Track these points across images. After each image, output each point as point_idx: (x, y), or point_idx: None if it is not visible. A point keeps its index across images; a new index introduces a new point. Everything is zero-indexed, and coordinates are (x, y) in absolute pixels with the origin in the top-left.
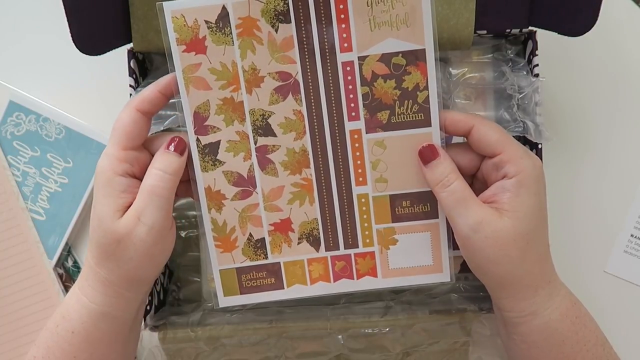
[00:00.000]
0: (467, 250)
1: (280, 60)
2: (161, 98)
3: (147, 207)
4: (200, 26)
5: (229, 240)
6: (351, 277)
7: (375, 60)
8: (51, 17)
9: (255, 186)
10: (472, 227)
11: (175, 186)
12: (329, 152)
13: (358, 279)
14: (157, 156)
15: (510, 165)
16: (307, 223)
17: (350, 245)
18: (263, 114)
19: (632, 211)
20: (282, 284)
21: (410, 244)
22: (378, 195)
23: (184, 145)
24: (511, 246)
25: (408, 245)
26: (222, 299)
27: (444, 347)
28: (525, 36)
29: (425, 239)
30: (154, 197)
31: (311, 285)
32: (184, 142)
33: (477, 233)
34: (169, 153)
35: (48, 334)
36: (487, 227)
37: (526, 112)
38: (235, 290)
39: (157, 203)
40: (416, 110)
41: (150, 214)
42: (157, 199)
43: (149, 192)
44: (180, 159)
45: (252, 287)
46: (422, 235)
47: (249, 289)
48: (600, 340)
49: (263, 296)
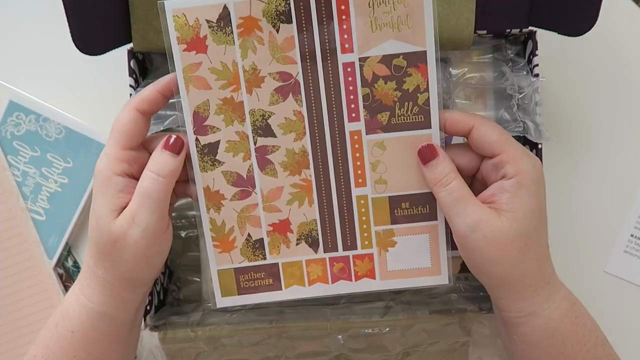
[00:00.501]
0: (465, 250)
1: (281, 60)
2: (160, 98)
3: (140, 209)
4: (201, 25)
5: (227, 241)
6: (349, 279)
7: (376, 62)
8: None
9: (254, 186)
10: (471, 226)
11: (171, 188)
12: (328, 153)
13: (356, 280)
14: (153, 157)
15: (510, 166)
16: (306, 224)
17: (348, 246)
18: (263, 114)
19: (632, 211)
20: (280, 285)
21: (408, 246)
22: (377, 197)
23: (180, 144)
24: (509, 246)
25: (407, 247)
26: (219, 299)
27: (444, 347)
28: (525, 36)
29: (424, 241)
30: (147, 200)
31: (309, 286)
32: (181, 141)
33: (476, 232)
34: (164, 154)
35: (48, 333)
36: (485, 226)
37: (526, 112)
38: (233, 290)
39: (150, 205)
40: (416, 112)
41: (143, 216)
42: (151, 201)
43: (143, 194)
44: (177, 159)
45: (250, 288)
46: (420, 237)
47: (246, 290)
48: (600, 341)
49: (261, 297)
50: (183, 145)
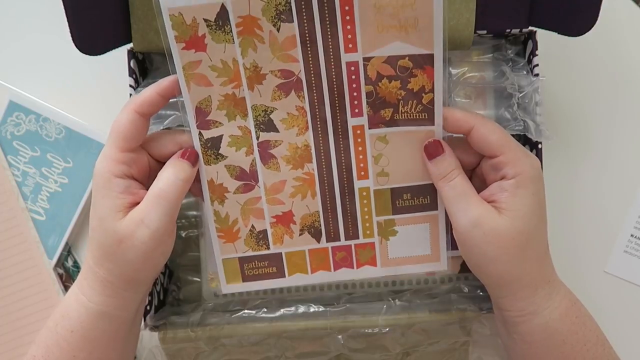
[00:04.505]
0: (465, 247)
1: (282, 58)
2: (160, 100)
3: (153, 210)
4: (199, 24)
5: (231, 232)
6: (351, 267)
7: (380, 62)
8: (51, 17)
9: (257, 180)
10: (472, 222)
11: (184, 194)
12: (331, 147)
13: (358, 268)
14: (170, 162)
15: (509, 167)
16: (309, 215)
17: (350, 236)
18: (265, 110)
19: (632, 211)
20: (284, 273)
21: (409, 235)
22: (379, 189)
23: (196, 156)
24: (510, 244)
25: (407, 236)
26: (224, 285)
27: (444, 347)
28: (525, 36)
29: (424, 230)
30: (161, 202)
31: (312, 274)
32: (196, 154)
33: (476, 228)
34: (182, 161)
35: (47, 332)
36: (485, 223)
37: (526, 111)
38: (238, 278)
39: (164, 208)
40: (420, 110)
41: (156, 218)
42: (165, 203)
43: (157, 196)
44: (192, 169)
45: (254, 276)
46: (421, 226)
47: (251, 277)
48: (600, 340)
49: (265, 284)
50: (197, 158)
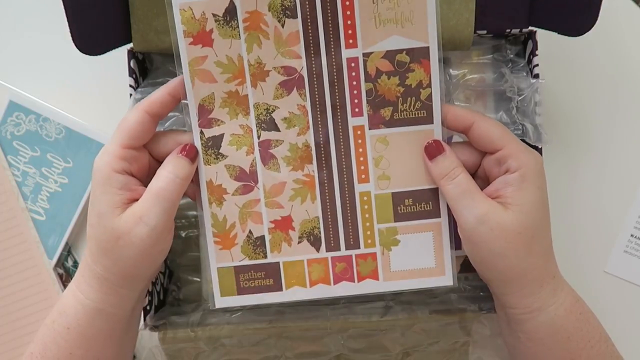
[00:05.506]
0: (471, 244)
1: (285, 54)
2: (170, 100)
3: (152, 208)
4: (207, 19)
5: (228, 237)
6: (352, 280)
7: (379, 57)
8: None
9: (256, 181)
10: (478, 219)
11: (183, 191)
12: (331, 148)
13: (359, 281)
14: (169, 160)
15: (513, 160)
16: (308, 221)
17: (351, 245)
18: (267, 108)
19: (632, 211)
20: (281, 286)
21: (412, 245)
22: (380, 193)
23: (195, 151)
24: (517, 239)
25: (410, 246)
26: (218, 299)
27: (444, 347)
28: (525, 36)
29: (428, 240)
30: (160, 200)
31: (310, 287)
32: (195, 150)
33: (483, 224)
34: (181, 158)
35: (45, 329)
36: (492, 219)
37: (525, 114)
38: (233, 290)
39: (163, 206)
40: (419, 107)
41: (154, 215)
42: (164, 201)
43: (156, 194)
44: (192, 165)
45: (249, 288)
46: (424, 235)
47: (246, 290)
48: (603, 337)
49: (260, 298)
50: (197, 154)
